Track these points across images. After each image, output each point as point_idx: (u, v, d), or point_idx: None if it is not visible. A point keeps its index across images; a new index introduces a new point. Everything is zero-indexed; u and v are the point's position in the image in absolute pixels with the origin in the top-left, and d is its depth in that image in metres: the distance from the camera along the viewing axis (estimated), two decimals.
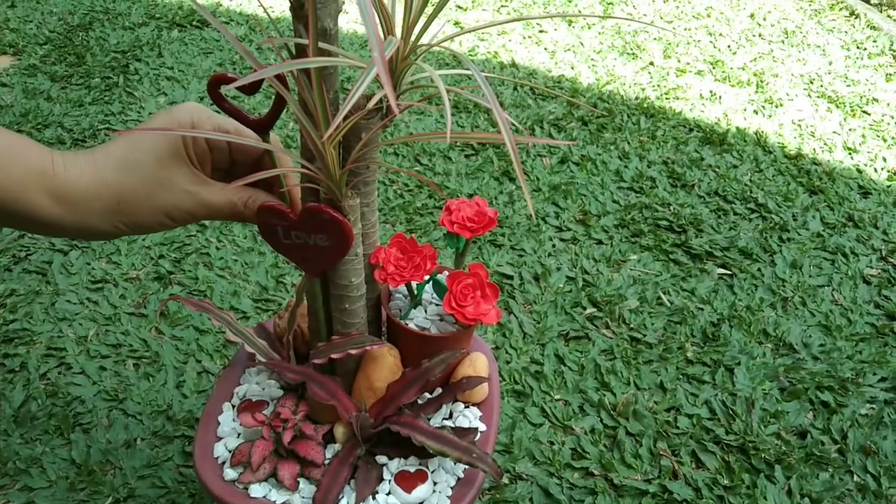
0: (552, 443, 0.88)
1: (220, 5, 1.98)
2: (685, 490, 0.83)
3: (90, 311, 1.03)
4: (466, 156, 1.40)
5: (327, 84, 0.48)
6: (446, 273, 0.63)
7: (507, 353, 1.00)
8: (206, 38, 1.80)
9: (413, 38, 0.48)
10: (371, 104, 0.47)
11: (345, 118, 0.47)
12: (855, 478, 0.86)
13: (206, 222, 1.19)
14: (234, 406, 0.62)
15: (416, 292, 0.60)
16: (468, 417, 0.60)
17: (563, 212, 1.28)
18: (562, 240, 1.22)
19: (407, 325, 0.59)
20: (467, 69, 0.41)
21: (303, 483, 0.55)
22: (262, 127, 0.53)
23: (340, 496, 0.54)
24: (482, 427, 0.60)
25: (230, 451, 0.57)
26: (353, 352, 0.56)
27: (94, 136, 1.40)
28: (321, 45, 0.45)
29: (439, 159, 1.38)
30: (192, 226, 1.19)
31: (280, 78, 0.48)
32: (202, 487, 0.57)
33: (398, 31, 0.47)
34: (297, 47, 0.48)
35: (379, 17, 0.46)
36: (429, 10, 0.47)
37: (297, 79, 0.46)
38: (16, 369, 0.94)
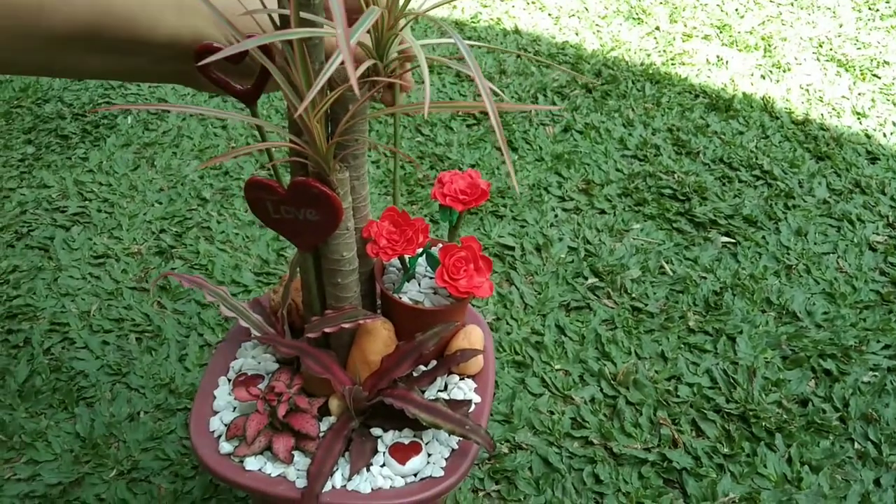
0: (552, 412, 0.88)
1: None
2: (685, 458, 0.83)
3: (92, 286, 1.03)
4: (468, 125, 1.39)
5: (312, 55, 0.47)
6: (440, 245, 0.63)
7: (507, 323, 1.00)
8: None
9: (401, 4, 0.47)
10: (356, 75, 0.46)
11: (331, 90, 0.47)
12: (856, 445, 0.86)
13: (207, 195, 1.19)
14: (230, 380, 0.62)
15: (408, 266, 0.60)
16: (463, 389, 0.60)
17: (566, 181, 1.26)
18: (564, 210, 1.21)
19: (400, 298, 0.59)
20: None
21: (297, 456, 0.56)
22: (249, 97, 0.52)
23: (335, 468, 0.55)
24: (477, 399, 0.60)
25: (226, 425, 0.58)
26: (347, 326, 0.56)
27: (93, 104, 1.39)
28: (303, 15, 0.44)
29: (441, 129, 1.37)
30: (192, 200, 1.19)
31: (266, 48, 0.48)
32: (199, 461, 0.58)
33: None
34: (280, 18, 0.47)
35: None
36: None
37: (280, 51, 0.46)
38: (20, 344, 0.95)
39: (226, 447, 0.56)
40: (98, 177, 1.23)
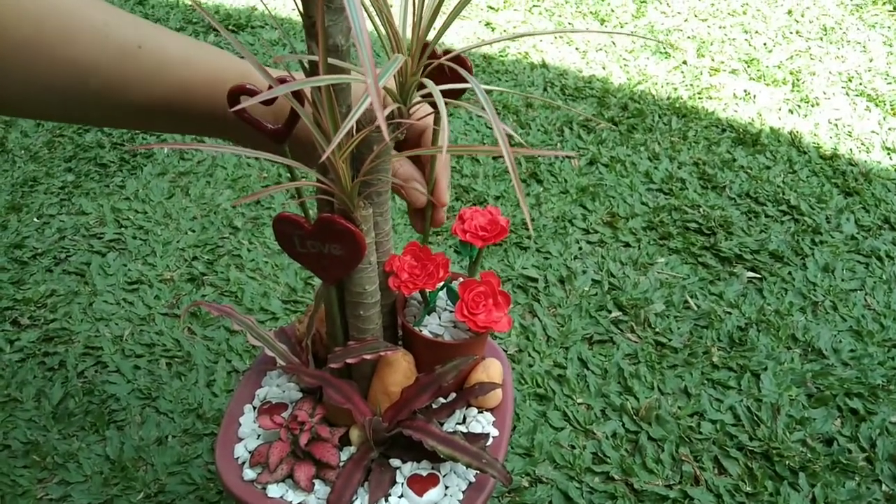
0: (573, 447, 0.89)
1: (255, 10, 2.02)
2: (706, 496, 0.83)
3: (126, 311, 1.06)
4: (494, 158, 1.41)
5: (339, 98, 0.49)
6: (461, 280, 0.64)
7: (530, 356, 1.00)
8: (240, 42, 1.83)
9: (424, 52, 0.49)
10: (381, 118, 0.48)
11: (357, 131, 0.49)
12: (883, 487, 0.84)
13: (238, 224, 1.22)
14: (255, 408, 0.64)
15: (428, 299, 0.61)
16: (481, 423, 0.61)
17: (591, 214, 1.27)
18: (588, 242, 1.21)
19: (420, 331, 0.60)
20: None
21: (318, 484, 0.57)
22: (278, 137, 0.55)
23: (354, 498, 0.56)
24: (494, 432, 0.61)
25: (250, 452, 0.59)
26: (368, 357, 0.57)
27: (133, 139, 1.44)
28: (331, 61, 0.46)
29: (467, 162, 1.39)
30: (224, 228, 1.22)
31: (296, 91, 0.50)
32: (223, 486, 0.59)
33: (411, 34, 0.48)
34: (309, 63, 0.49)
35: (387, 31, 0.47)
36: (440, 22, 0.48)
37: (308, 95, 0.48)
38: (55, 367, 0.98)
39: (249, 474, 0.58)
40: (134, 204, 1.27)
